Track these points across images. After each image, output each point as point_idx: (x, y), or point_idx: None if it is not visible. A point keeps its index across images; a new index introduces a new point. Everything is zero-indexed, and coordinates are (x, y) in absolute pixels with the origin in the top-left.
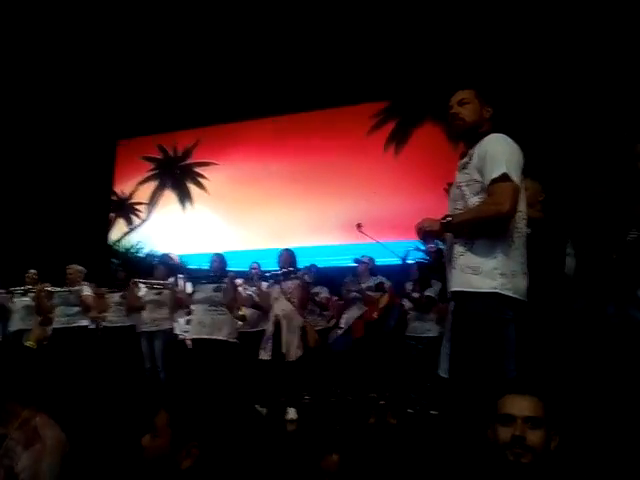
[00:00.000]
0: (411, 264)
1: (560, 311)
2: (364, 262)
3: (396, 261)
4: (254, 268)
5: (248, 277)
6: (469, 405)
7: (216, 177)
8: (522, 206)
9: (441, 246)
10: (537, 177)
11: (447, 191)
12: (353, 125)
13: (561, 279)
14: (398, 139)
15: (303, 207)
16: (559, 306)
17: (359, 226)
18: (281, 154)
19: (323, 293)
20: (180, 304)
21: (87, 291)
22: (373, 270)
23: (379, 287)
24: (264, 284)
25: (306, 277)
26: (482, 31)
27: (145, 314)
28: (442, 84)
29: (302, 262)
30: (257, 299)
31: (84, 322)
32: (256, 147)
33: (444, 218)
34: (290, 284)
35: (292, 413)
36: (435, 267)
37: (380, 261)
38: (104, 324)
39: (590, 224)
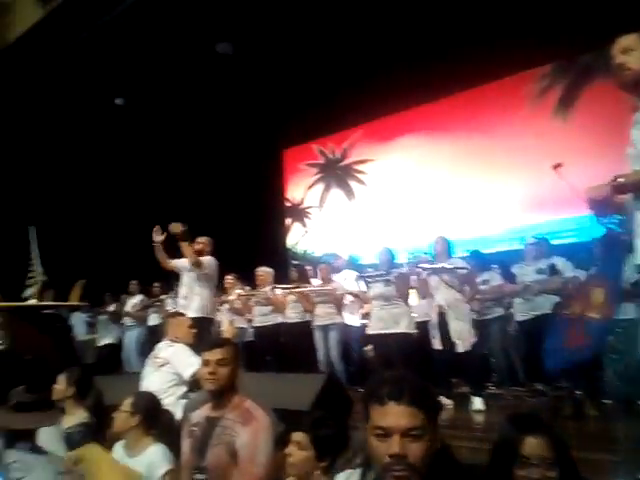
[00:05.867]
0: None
1: None
2: (532, 243)
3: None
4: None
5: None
6: None
7: (377, 172)
8: None
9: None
10: None
11: None
12: (512, 97)
13: None
14: (566, 104)
15: (472, 191)
16: None
17: (557, 166)
18: (441, 138)
19: (493, 280)
20: (339, 301)
21: (277, 291)
22: (545, 251)
23: (553, 270)
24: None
25: (468, 266)
26: None
27: (319, 309)
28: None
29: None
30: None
31: (278, 319)
32: (413, 137)
33: (614, 179)
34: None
35: (478, 403)
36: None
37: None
38: (284, 320)
39: None
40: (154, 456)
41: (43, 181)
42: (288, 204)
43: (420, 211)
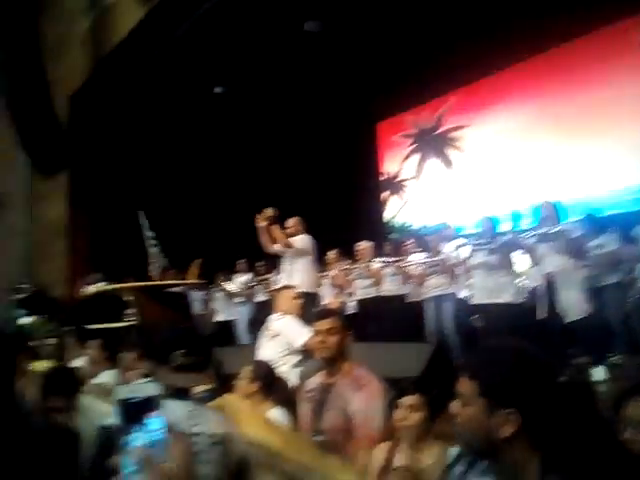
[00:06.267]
0: None
1: None
2: None
3: None
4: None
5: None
6: None
7: (474, 138)
8: None
9: None
10: None
11: None
12: (615, 47)
13: None
14: None
15: (577, 151)
16: None
17: None
18: (539, 98)
19: (610, 244)
20: (451, 271)
21: (377, 265)
22: None
23: None
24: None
25: (578, 231)
26: None
27: (431, 281)
28: None
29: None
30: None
31: (376, 292)
32: (509, 98)
33: None
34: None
35: (599, 374)
36: None
37: None
38: (381, 293)
39: None
40: (274, 418)
41: (154, 168)
42: (384, 177)
43: (523, 176)
